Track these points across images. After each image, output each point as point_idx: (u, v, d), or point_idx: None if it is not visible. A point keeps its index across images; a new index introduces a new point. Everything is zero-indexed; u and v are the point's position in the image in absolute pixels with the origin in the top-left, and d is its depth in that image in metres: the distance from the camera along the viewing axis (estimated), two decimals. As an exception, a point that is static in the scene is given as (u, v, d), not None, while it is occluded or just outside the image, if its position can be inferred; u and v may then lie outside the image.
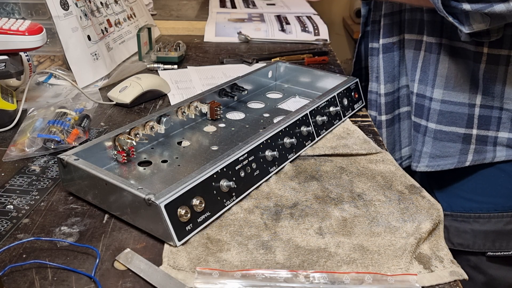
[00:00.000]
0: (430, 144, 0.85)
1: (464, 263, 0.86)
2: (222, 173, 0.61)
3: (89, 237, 0.57)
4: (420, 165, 0.87)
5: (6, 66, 0.81)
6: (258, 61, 1.19)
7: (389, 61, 0.90)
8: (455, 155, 0.83)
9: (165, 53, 1.16)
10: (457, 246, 0.86)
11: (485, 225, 0.84)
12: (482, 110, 0.80)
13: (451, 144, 0.83)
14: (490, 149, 0.82)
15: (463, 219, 0.85)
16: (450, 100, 0.81)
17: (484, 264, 0.86)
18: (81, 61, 1.02)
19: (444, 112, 0.82)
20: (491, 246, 0.85)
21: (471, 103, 0.80)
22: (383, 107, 0.93)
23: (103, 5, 1.18)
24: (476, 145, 0.82)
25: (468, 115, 0.81)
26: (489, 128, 0.81)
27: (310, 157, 0.75)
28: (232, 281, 0.50)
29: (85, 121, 0.80)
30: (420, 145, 0.87)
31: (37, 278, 0.51)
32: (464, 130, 0.82)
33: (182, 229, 0.55)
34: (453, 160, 0.84)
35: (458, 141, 0.83)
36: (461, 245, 0.86)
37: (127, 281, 0.51)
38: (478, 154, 0.83)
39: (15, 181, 0.68)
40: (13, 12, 1.07)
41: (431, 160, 0.85)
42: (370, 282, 0.51)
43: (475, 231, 0.84)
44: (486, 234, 0.84)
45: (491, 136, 0.81)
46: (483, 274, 0.87)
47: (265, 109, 0.90)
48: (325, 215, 0.61)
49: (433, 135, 0.84)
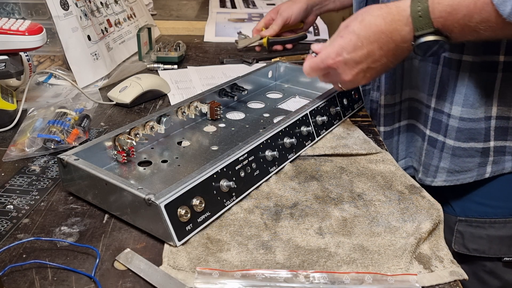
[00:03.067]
0: (448, 160, 0.82)
1: (480, 269, 0.85)
2: (222, 173, 0.61)
3: (89, 237, 0.57)
4: (436, 180, 0.84)
5: (6, 66, 0.81)
6: (258, 61, 1.19)
7: (391, 74, 0.87)
8: (474, 169, 0.81)
9: (165, 53, 1.16)
10: (472, 251, 0.84)
11: (500, 230, 0.82)
12: (498, 122, 0.78)
13: (470, 159, 0.81)
14: (509, 159, 0.80)
15: (478, 225, 0.83)
16: (469, 118, 0.78)
17: (499, 269, 0.85)
18: (81, 61, 1.02)
19: (462, 129, 0.79)
20: (507, 251, 0.83)
21: (487, 116, 0.78)
22: (381, 118, 0.90)
23: (103, 5, 1.18)
24: (494, 157, 0.80)
25: (485, 129, 0.79)
26: (506, 138, 0.79)
27: (310, 157, 0.75)
28: (232, 281, 0.50)
29: (85, 121, 0.80)
30: (437, 160, 0.84)
31: (37, 278, 0.51)
32: (482, 144, 0.80)
33: (182, 229, 0.55)
34: (472, 174, 0.82)
35: (477, 156, 0.80)
36: (477, 251, 0.84)
37: (127, 281, 0.51)
38: (496, 165, 0.81)
39: (15, 181, 0.68)
40: (13, 12, 1.07)
41: (449, 175, 0.83)
42: (370, 282, 0.51)
43: (490, 237, 0.83)
44: (501, 239, 0.83)
45: (509, 146, 0.79)
46: (499, 279, 0.86)
47: (265, 109, 0.90)
48: (325, 215, 0.61)
49: (451, 151, 0.81)
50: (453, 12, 0.63)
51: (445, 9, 0.63)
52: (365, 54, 0.70)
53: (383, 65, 0.72)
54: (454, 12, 0.63)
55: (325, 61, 0.74)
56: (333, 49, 0.72)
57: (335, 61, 0.72)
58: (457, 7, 0.63)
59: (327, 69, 0.75)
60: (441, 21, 0.64)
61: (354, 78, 0.73)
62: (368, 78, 0.74)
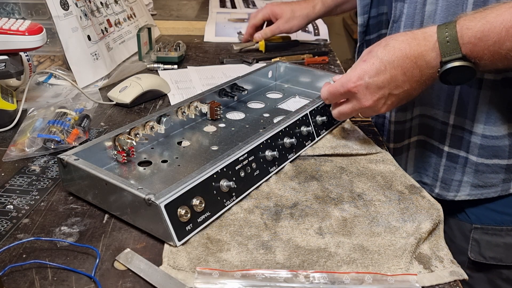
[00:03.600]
0: (472, 175, 0.81)
1: (496, 277, 0.84)
2: (222, 173, 0.61)
3: (89, 237, 0.57)
4: (460, 194, 0.83)
5: (6, 66, 0.81)
6: (258, 61, 1.19)
7: None
8: (499, 184, 0.80)
9: (165, 53, 1.16)
10: (489, 260, 0.83)
11: None
12: None
13: (494, 175, 0.80)
14: None
15: (495, 233, 0.82)
16: (491, 135, 0.77)
17: None
18: (81, 61, 1.02)
19: (485, 146, 0.78)
20: None
21: (510, 132, 0.77)
22: (391, 134, 0.88)
23: (103, 5, 1.18)
24: None
25: (509, 146, 0.77)
26: None
27: (310, 157, 0.75)
28: (232, 281, 0.50)
29: (85, 121, 0.80)
30: (460, 175, 0.82)
31: (37, 278, 0.51)
32: (507, 161, 0.78)
33: (182, 229, 0.55)
34: (496, 189, 0.81)
35: (501, 172, 0.79)
36: (494, 259, 0.83)
37: (127, 281, 0.51)
38: None
39: (15, 181, 0.68)
40: (13, 12, 1.07)
41: (473, 189, 0.82)
42: (370, 282, 0.51)
43: (507, 245, 0.82)
44: None
45: None
46: None
47: (265, 109, 0.90)
48: (325, 215, 0.61)
49: (474, 167, 0.80)
50: (483, 38, 0.61)
51: (475, 35, 0.61)
52: (388, 79, 0.67)
53: (406, 93, 0.69)
54: (484, 39, 0.61)
55: (346, 84, 0.71)
56: (355, 73, 0.70)
57: (356, 85, 0.69)
58: (488, 33, 0.60)
59: (347, 93, 0.72)
60: (470, 47, 0.62)
61: (375, 104, 0.70)
62: (389, 106, 0.71)
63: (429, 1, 0.70)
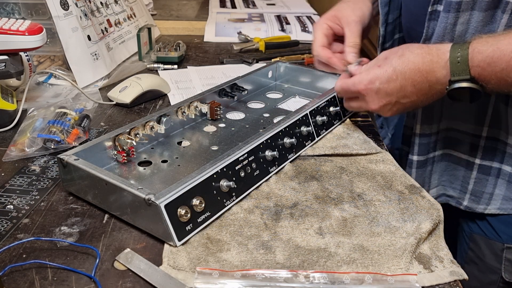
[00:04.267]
0: (504, 186, 0.80)
1: None
2: (222, 173, 0.61)
3: (89, 237, 0.57)
4: (490, 207, 0.82)
5: (6, 66, 0.81)
6: (258, 61, 1.19)
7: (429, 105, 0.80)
8: None
9: (165, 53, 1.16)
10: None
11: None
12: None
13: None
14: None
15: None
16: None
17: None
18: (81, 61, 1.02)
19: None
20: None
21: None
22: (415, 146, 0.86)
23: (103, 5, 1.18)
24: None
25: None
26: None
27: (310, 157, 0.75)
28: (232, 281, 0.50)
29: (85, 121, 0.80)
30: (491, 187, 0.82)
31: (37, 278, 0.51)
32: None
33: (182, 229, 0.55)
34: None
35: None
36: None
37: (127, 281, 0.51)
38: None
39: (15, 181, 0.68)
40: (13, 12, 1.07)
41: (504, 203, 0.81)
42: (370, 282, 0.51)
43: None
44: None
45: None
46: None
47: (265, 109, 0.90)
48: (325, 215, 0.61)
49: (507, 178, 0.79)
50: (492, 64, 0.63)
51: (485, 59, 0.63)
52: (397, 87, 0.70)
53: (412, 103, 0.72)
54: (493, 64, 0.63)
55: (357, 85, 0.74)
56: (367, 76, 0.73)
57: (366, 88, 0.73)
58: (497, 60, 0.62)
59: (357, 93, 0.76)
60: (479, 71, 0.64)
61: (381, 109, 0.74)
62: (394, 112, 0.74)
63: (460, 21, 0.71)
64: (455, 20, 0.71)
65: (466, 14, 0.70)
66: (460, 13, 0.70)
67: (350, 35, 0.87)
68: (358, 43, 0.87)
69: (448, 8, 0.70)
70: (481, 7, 0.68)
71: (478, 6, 0.68)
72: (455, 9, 0.70)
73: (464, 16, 0.70)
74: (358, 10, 0.90)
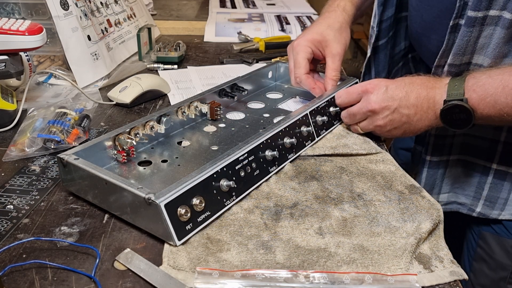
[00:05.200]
0: None
1: None
2: (222, 172, 0.61)
3: (89, 237, 0.57)
4: (504, 213, 0.83)
5: (6, 66, 0.81)
6: (258, 61, 1.19)
7: None
8: None
9: (165, 53, 1.16)
10: None
11: None
12: None
13: None
14: None
15: None
16: None
17: None
18: (81, 61, 1.02)
19: None
20: None
21: None
22: (430, 147, 0.86)
23: (103, 5, 1.18)
24: None
25: None
26: None
27: (310, 157, 0.75)
28: (232, 281, 0.50)
29: (85, 121, 0.80)
30: (506, 192, 0.82)
31: (37, 278, 0.51)
32: None
33: (182, 228, 0.55)
34: None
35: None
36: None
37: (127, 281, 0.51)
38: None
39: (15, 181, 0.68)
40: (13, 12, 1.07)
41: None
42: (370, 282, 0.51)
43: None
44: None
45: None
46: None
47: (265, 109, 0.90)
48: (325, 215, 0.61)
49: None
50: (483, 87, 0.69)
51: (478, 82, 0.69)
52: (402, 93, 0.74)
53: (407, 118, 0.75)
54: (484, 87, 0.68)
55: (365, 84, 0.78)
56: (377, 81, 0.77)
57: (374, 86, 0.77)
58: (488, 86, 0.68)
59: (362, 93, 0.78)
60: (471, 93, 0.69)
61: (380, 110, 0.76)
62: (386, 121, 0.76)
63: (484, 34, 0.72)
64: (478, 33, 0.72)
65: (490, 29, 0.71)
66: (483, 27, 0.72)
67: (332, 67, 0.90)
68: (338, 76, 0.90)
69: (472, 23, 0.71)
70: (504, 25, 0.70)
71: (501, 23, 0.70)
72: (479, 23, 0.71)
73: (488, 30, 0.71)
74: (342, 40, 0.92)
